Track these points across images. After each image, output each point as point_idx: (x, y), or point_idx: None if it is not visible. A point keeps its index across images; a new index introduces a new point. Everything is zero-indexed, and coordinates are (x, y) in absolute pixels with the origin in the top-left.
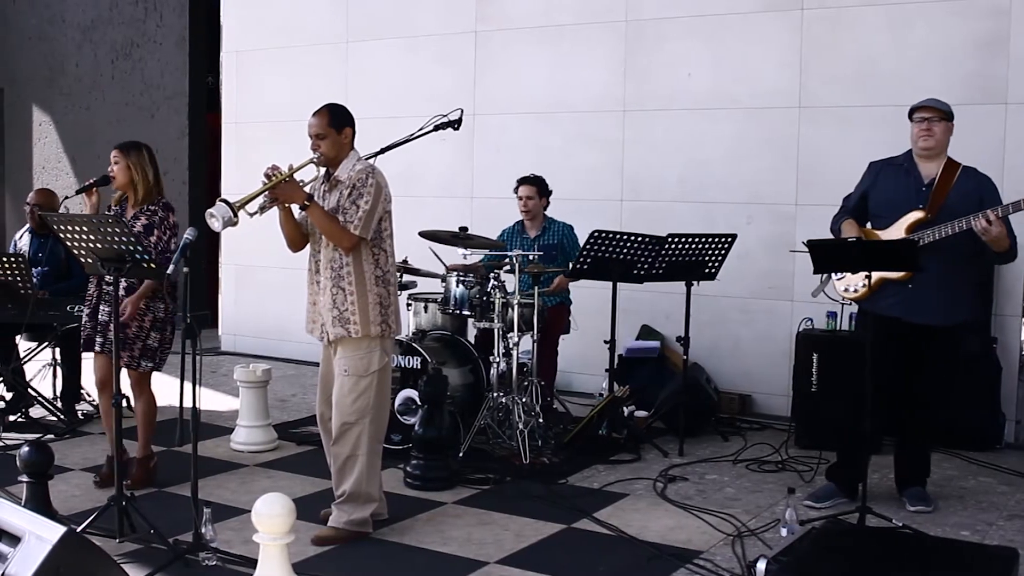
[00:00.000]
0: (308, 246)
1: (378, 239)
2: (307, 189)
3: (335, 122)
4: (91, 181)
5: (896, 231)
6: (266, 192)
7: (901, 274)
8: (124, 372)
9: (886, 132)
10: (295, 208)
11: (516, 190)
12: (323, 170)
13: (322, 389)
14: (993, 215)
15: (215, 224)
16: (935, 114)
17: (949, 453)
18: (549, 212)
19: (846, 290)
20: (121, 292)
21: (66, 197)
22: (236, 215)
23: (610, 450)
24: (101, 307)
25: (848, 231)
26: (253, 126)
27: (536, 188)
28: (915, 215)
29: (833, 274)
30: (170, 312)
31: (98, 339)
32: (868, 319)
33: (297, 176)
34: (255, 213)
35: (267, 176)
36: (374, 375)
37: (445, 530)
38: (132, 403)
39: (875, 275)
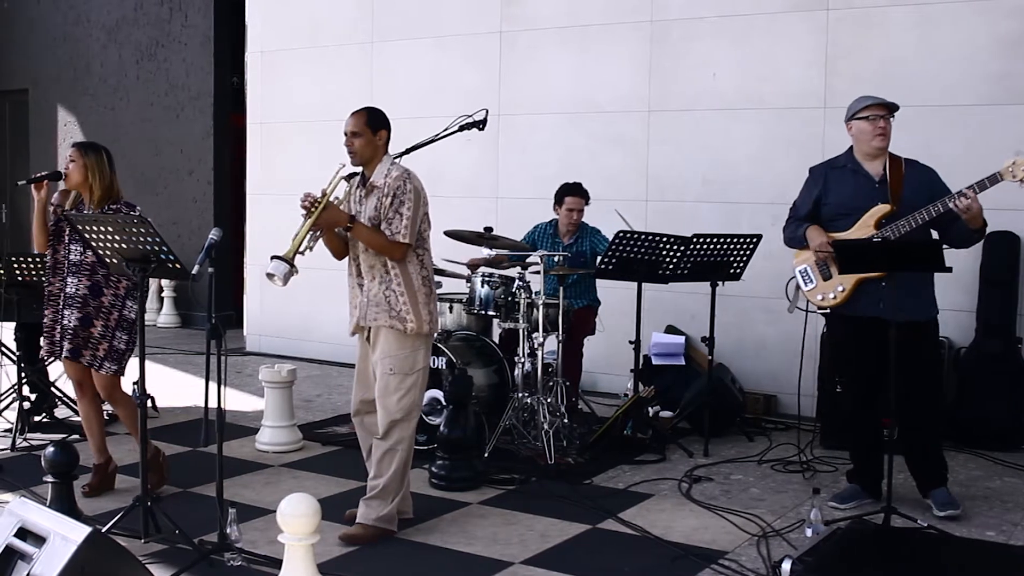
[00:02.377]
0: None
1: (420, 240)
2: (342, 206)
3: (372, 122)
4: (42, 174)
5: (862, 229)
6: (311, 228)
7: (875, 274)
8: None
9: (911, 132)
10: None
11: (560, 199)
12: (357, 175)
13: (358, 386)
14: (971, 192)
15: (278, 283)
16: (888, 112)
17: (973, 453)
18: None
19: (823, 298)
20: (85, 292)
21: (17, 184)
22: (294, 265)
23: (635, 450)
24: (65, 312)
25: (815, 236)
26: (278, 126)
27: (584, 200)
28: (881, 208)
29: (801, 286)
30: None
31: (67, 345)
32: (846, 324)
33: (332, 197)
34: (306, 250)
35: (305, 208)
36: (419, 372)
37: (470, 530)
38: (74, 407)
39: (852, 278)
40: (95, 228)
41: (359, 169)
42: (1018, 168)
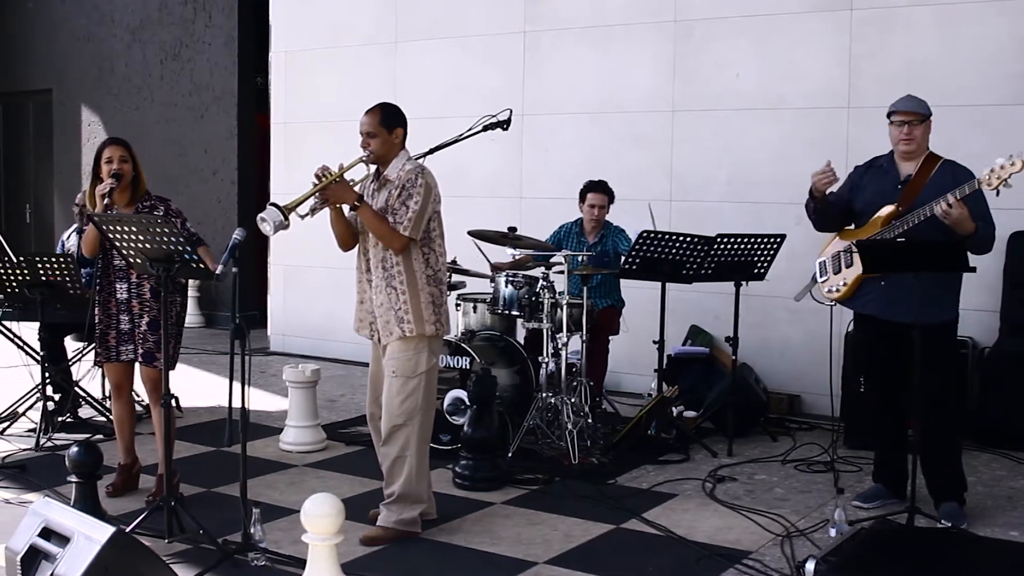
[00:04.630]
0: (358, 245)
1: (427, 239)
2: (356, 188)
3: (386, 121)
4: (112, 185)
5: (870, 228)
6: (317, 193)
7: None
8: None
9: (935, 133)
10: (345, 208)
11: (583, 196)
12: (373, 169)
13: (372, 389)
14: (952, 198)
15: (267, 228)
16: (915, 117)
17: (997, 453)
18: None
19: (829, 291)
20: (148, 296)
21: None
22: (287, 218)
23: (659, 450)
24: (121, 316)
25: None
26: (302, 126)
27: (607, 197)
28: (887, 209)
29: (817, 278)
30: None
31: (124, 348)
32: (862, 322)
33: (347, 176)
34: (306, 215)
35: (317, 177)
36: (422, 376)
37: (494, 530)
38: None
39: (853, 274)
40: (119, 228)
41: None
42: (993, 177)
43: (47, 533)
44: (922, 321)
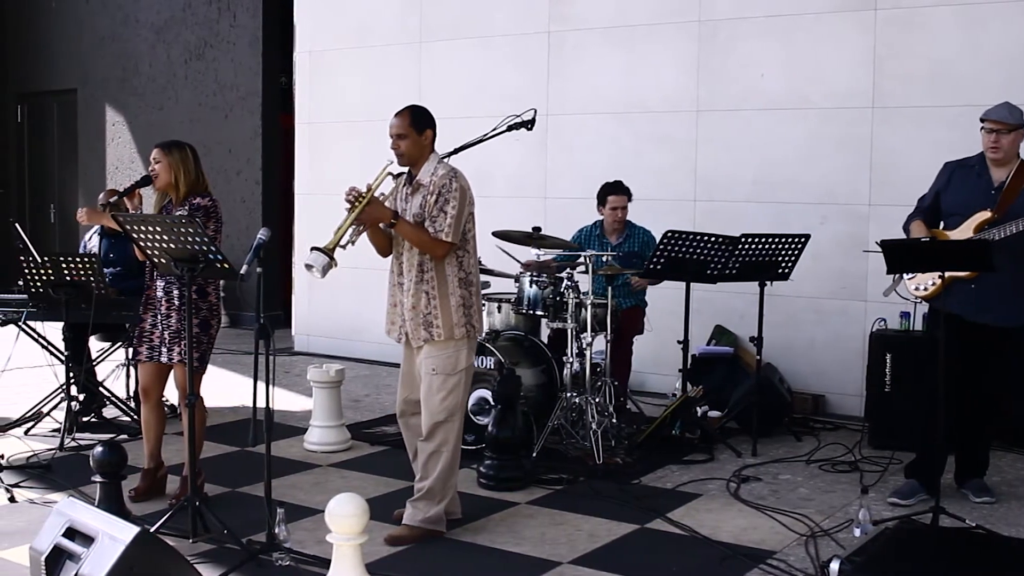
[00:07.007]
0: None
1: (461, 240)
2: (387, 203)
3: (416, 123)
4: (134, 183)
5: (964, 231)
6: (354, 221)
7: (967, 273)
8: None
9: (960, 132)
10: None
11: (602, 199)
12: (404, 174)
13: (403, 386)
14: None
15: (315, 274)
16: (1003, 127)
17: (1022, 453)
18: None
19: (916, 288)
20: (195, 296)
21: (110, 202)
22: (333, 258)
23: (683, 450)
24: (149, 315)
25: (917, 231)
26: (326, 126)
27: (627, 197)
28: (983, 215)
29: (905, 274)
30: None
31: (164, 349)
32: (938, 317)
33: (377, 192)
34: (347, 244)
35: (349, 202)
36: (462, 373)
37: (518, 530)
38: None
39: (946, 274)
40: (143, 228)
41: (406, 168)
42: None
43: (71, 533)
44: (1002, 324)
